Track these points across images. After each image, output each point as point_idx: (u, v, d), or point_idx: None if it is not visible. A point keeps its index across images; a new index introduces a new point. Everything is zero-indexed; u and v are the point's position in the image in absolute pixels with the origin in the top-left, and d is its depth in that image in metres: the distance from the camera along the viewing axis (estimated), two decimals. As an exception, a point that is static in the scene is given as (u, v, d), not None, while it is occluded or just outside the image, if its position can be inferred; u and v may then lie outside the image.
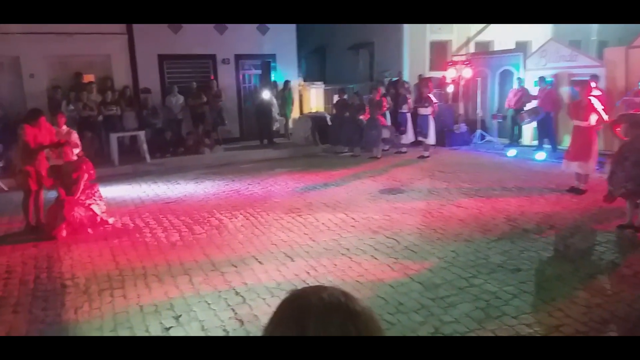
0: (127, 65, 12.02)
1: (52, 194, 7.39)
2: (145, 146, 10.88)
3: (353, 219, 6.59)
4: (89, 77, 11.64)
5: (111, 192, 8.46)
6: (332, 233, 6.06)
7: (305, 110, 14.34)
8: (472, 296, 4.27)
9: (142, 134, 10.95)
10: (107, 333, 3.84)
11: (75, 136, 7.58)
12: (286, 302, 0.83)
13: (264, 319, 3.90)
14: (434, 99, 11.21)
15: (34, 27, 10.25)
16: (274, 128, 13.27)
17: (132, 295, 4.47)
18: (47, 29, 10.48)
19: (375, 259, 5.20)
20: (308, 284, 4.65)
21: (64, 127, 7.61)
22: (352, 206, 7.21)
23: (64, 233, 6.14)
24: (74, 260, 5.38)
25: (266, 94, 12.93)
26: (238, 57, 13.59)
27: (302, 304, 0.79)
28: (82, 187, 6.39)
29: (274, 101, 13.10)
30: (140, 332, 3.84)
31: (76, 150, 7.30)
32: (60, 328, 3.96)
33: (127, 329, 3.91)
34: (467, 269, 4.85)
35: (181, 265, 5.15)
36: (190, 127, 12.30)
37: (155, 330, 3.85)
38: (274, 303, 4.23)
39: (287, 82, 13.46)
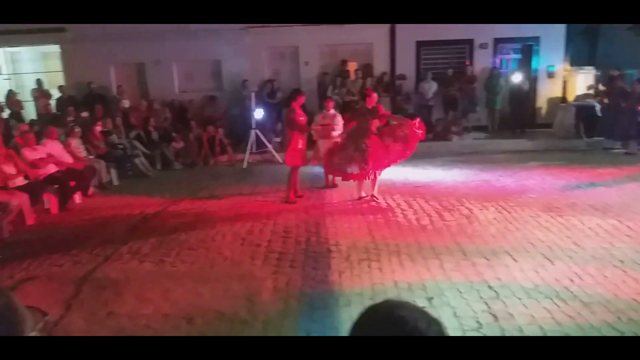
0: (386, 52, 12.67)
1: (314, 169, 8.33)
2: (397, 130, 11.34)
3: (629, 227, 5.70)
4: (352, 65, 12.66)
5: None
6: (601, 240, 5.35)
7: (570, 98, 12.88)
8: None
9: (395, 119, 11.44)
10: (366, 301, 4.18)
11: (339, 119, 8.27)
12: None
13: (520, 319, 3.76)
14: None
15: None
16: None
17: (388, 270, 4.75)
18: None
19: (660, 277, 4.41)
20: (572, 291, 4.23)
21: (332, 111, 8.37)
22: (628, 212, 6.22)
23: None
24: (337, 229, 6.00)
25: (518, 78, 12.09)
26: (497, 41, 12.96)
27: None
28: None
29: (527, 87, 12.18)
30: (395, 306, 4.07)
31: (336, 133, 8.07)
32: (328, 287, 4.48)
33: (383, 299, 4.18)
34: None
35: (432, 249, 5.25)
36: (440, 113, 12.33)
37: (410, 307, 4.03)
38: (531, 305, 4.03)
39: (493, 69, 12.39)
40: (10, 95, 12.03)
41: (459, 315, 3.89)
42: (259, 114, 10.54)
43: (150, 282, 4.71)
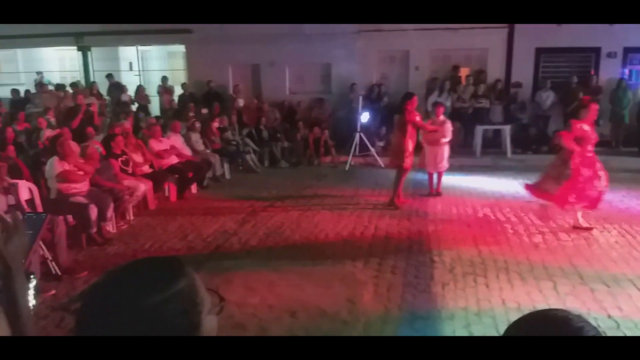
0: (502, 58, 12.12)
1: (417, 175, 8.19)
2: (508, 141, 10.83)
3: None
4: (464, 70, 12.28)
5: (472, 182, 8.82)
6: None
7: None
8: None
9: (507, 129, 10.93)
10: (471, 316, 4.05)
11: (448, 126, 8.01)
12: None
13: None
14: None
15: (425, 23, 11.33)
16: None
17: (495, 287, 4.55)
18: (436, 25, 11.41)
19: None
20: None
21: (441, 117, 8.14)
22: None
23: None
24: (440, 239, 5.86)
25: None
26: (627, 51, 11.87)
27: None
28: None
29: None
30: (502, 326, 3.89)
31: (445, 140, 7.85)
32: (430, 298, 4.39)
33: (489, 317, 4.02)
34: None
35: (544, 269, 4.94)
36: (559, 125, 11.52)
37: (518, 328, 3.83)
38: (658, 342, 3.64)
39: (621, 80, 11.15)
40: (140, 90, 13.23)
41: (574, 343, 3.62)
42: (365, 117, 10.60)
43: (257, 273, 4.94)
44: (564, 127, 11.44)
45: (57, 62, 15.47)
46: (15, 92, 12.83)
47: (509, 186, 8.65)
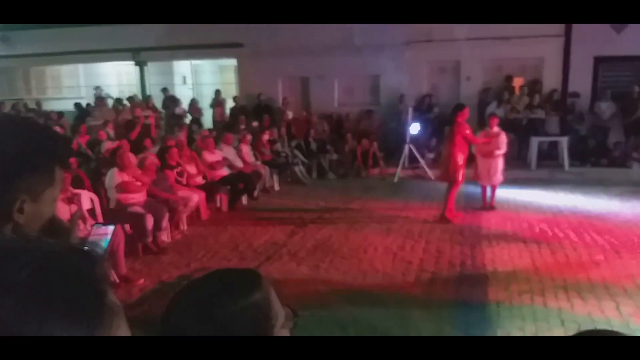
0: (558, 68, 11.69)
1: (469, 188, 7.99)
2: (565, 153, 10.42)
3: None
4: (518, 81, 11.95)
5: (527, 195, 8.53)
6: None
7: None
8: None
9: (564, 140, 10.51)
10: (529, 334, 3.90)
11: (503, 138, 7.78)
12: None
13: None
14: None
15: (477, 32, 11.14)
16: None
17: (553, 306, 4.37)
18: (488, 34, 11.21)
19: None
20: None
21: (495, 128, 7.91)
22: None
23: None
24: (495, 255, 5.68)
25: None
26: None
27: None
28: None
29: None
30: (562, 347, 3.72)
31: (499, 152, 7.63)
32: (484, 316, 4.26)
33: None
34: None
35: (605, 289, 4.69)
36: (620, 136, 11.01)
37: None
38: None
39: None
40: (193, 103, 13.65)
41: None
42: (414, 128, 10.48)
43: (307, 284, 4.95)
44: (624, 139, 10.98)
45: (115, 76, 16.22)
46: (78, 106, 13.53)
47: (566, 200, 8.30)
